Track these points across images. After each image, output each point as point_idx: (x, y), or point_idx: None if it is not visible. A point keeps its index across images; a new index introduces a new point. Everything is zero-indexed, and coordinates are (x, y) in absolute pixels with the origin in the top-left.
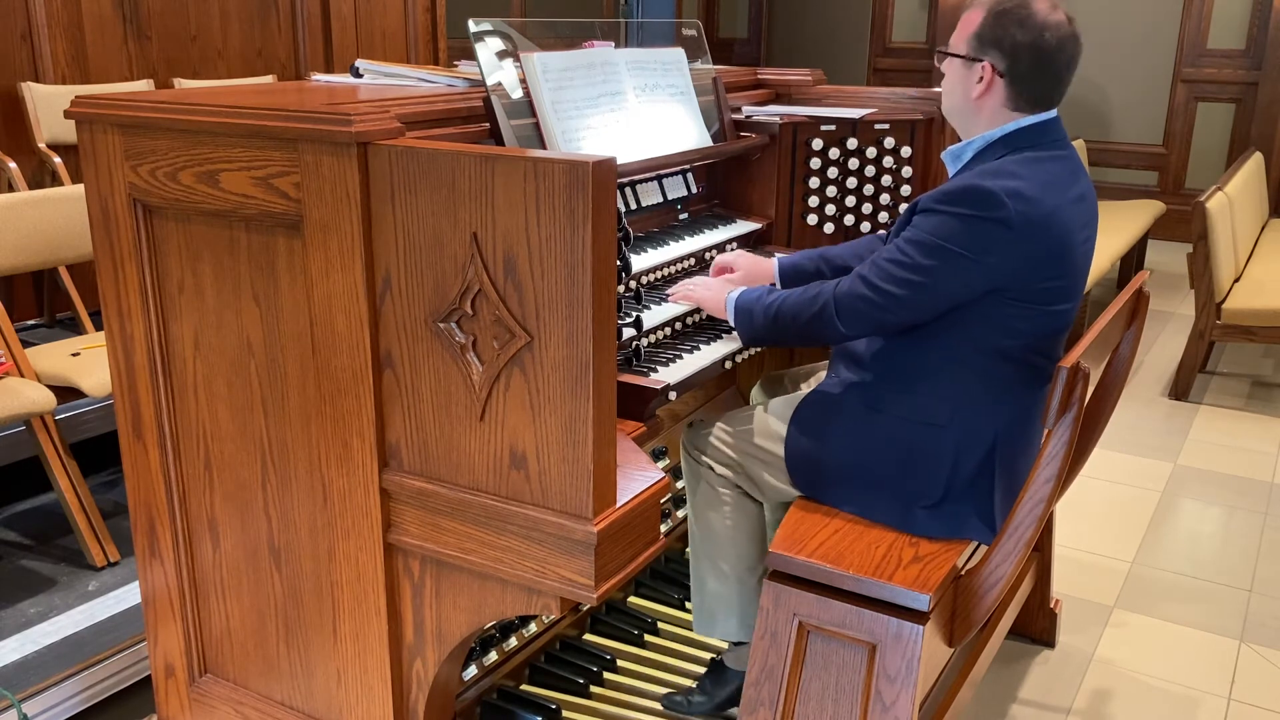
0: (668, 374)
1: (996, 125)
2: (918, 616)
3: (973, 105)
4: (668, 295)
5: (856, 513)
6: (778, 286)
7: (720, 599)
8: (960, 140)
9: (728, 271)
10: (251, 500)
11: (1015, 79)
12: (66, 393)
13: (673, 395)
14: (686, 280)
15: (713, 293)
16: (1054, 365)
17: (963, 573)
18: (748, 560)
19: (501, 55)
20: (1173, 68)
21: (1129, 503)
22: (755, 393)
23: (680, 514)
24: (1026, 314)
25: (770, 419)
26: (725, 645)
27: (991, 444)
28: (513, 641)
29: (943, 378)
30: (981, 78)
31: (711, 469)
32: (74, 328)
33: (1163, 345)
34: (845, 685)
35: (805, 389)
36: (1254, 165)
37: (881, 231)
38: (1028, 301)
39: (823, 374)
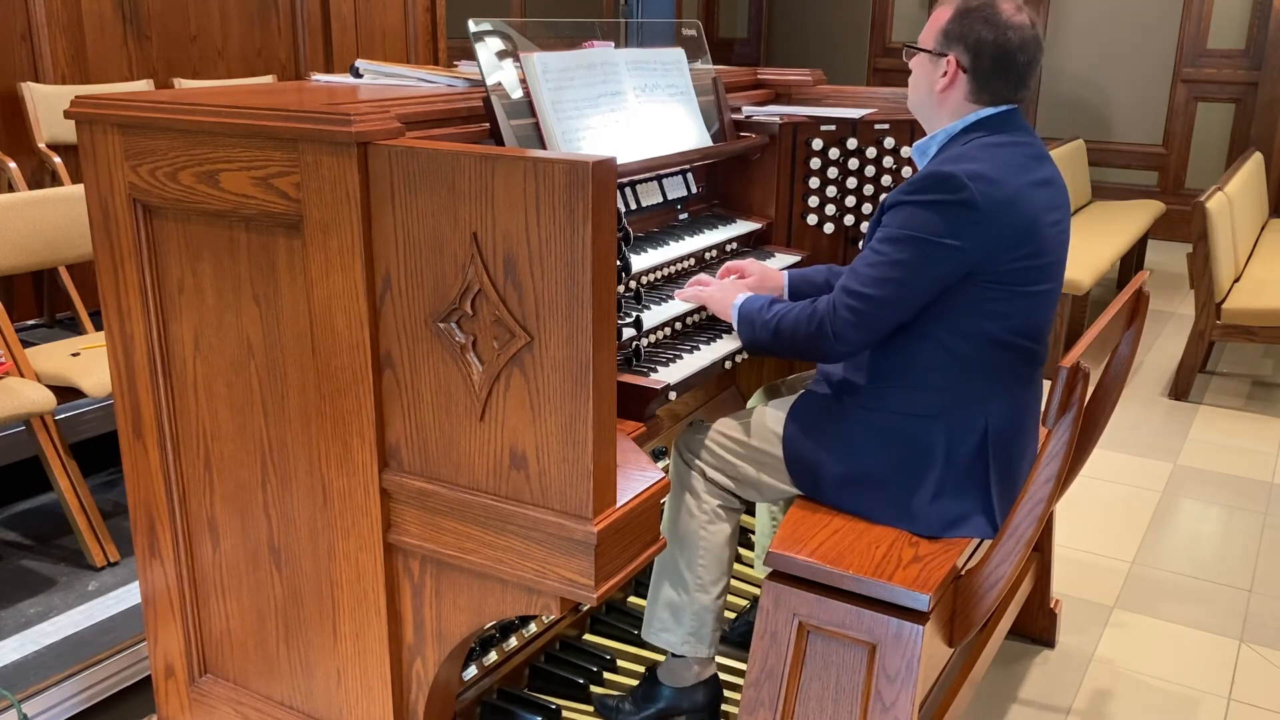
0: (668, 374)
1: (959, 118)
2: (918, 616)
3: (936, 98)
4: (675, 294)
5: (859, 513)
6: (785, 298)
7: (671, 608)
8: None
9: (737, 273)
10: (251, 500)
11: (977, 74)
12: (66, 393)
13: (673, 395)
14: (699, 278)
15: (722, 294)
16: (1041, 352)
17: (963, 573)
18: (710, 576)
19: (501, 55)
20: (1173, 68)
21: (1129, 503)
22: (754, 402)
23: None
24: (1005, 296)
25: (766, 420)
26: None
27: (983, 433)
28: (513, 641)
29: (930, 369)
30: (946, 72)
31: (703, 473)
32: (74, 328)
33: (1163, 345)
34: (845, 685)
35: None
36: (1254, 165)
37: None
38: (1004, 283)
39: None
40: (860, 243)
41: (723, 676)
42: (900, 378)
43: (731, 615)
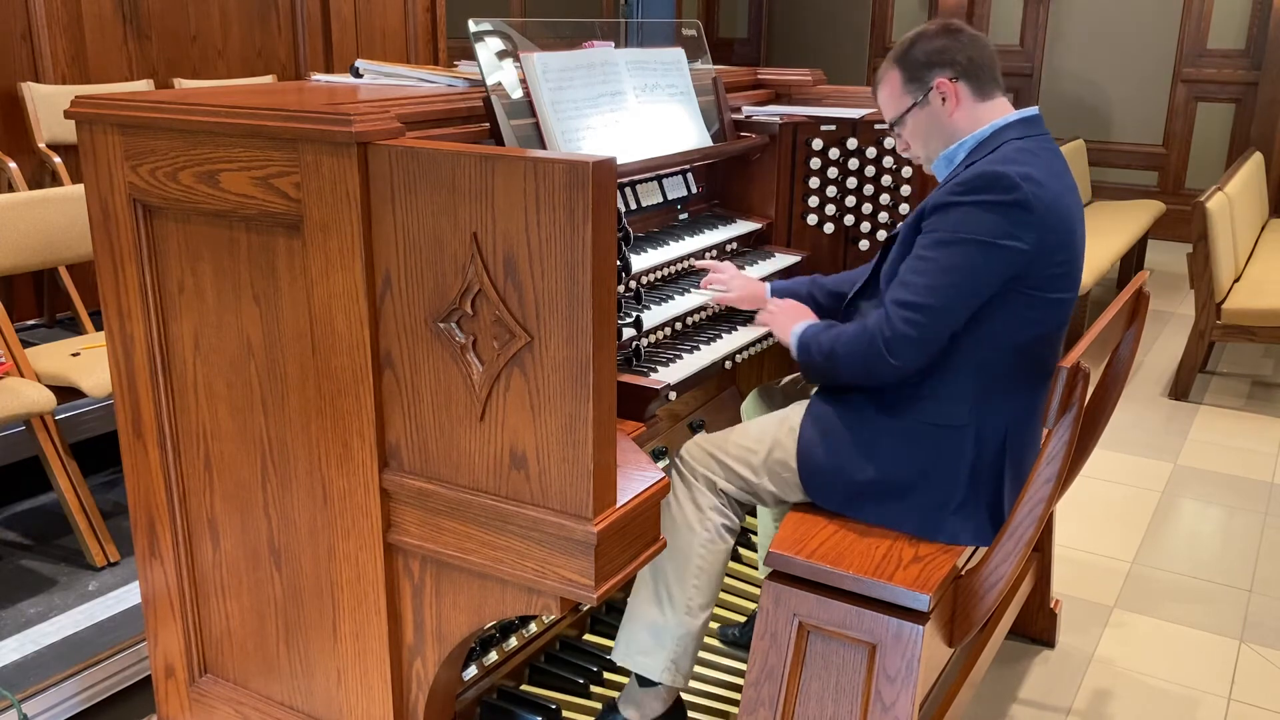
0: (668, 374)
1: (979, 123)
2: (918, 616)
3: (950, 124)
4: (756, 318)
5: (878, 524)
6: None
7: (654, 630)
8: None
9: (719, 279)
10: (251, 500)
11: (969, 74)
12: (66, 393)
13: (673, 395)
14: (769, 305)
15: (785, 319)
16: (1055, 358)
17: (963, 573)
18: (701, 599)
19: (501, 55)
20: (1173, 68)
21: (1129, 503)
22: (748, 405)
23: None
24: (1035, 303)
25: (777, 428)
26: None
27: (1003, 440)
28: (513, 641)
29: (960, 378)
30: (945, 97)
31: (712, 484)
32: (74, 328)
33: (1163, 345)
34: (845, 685)
35: (806, 399)
36: (1254, 165)
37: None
38: (1038, 289)
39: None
40: (861, 243)
41: (723, 676)
42: (929, 387)
43: (741, 619)
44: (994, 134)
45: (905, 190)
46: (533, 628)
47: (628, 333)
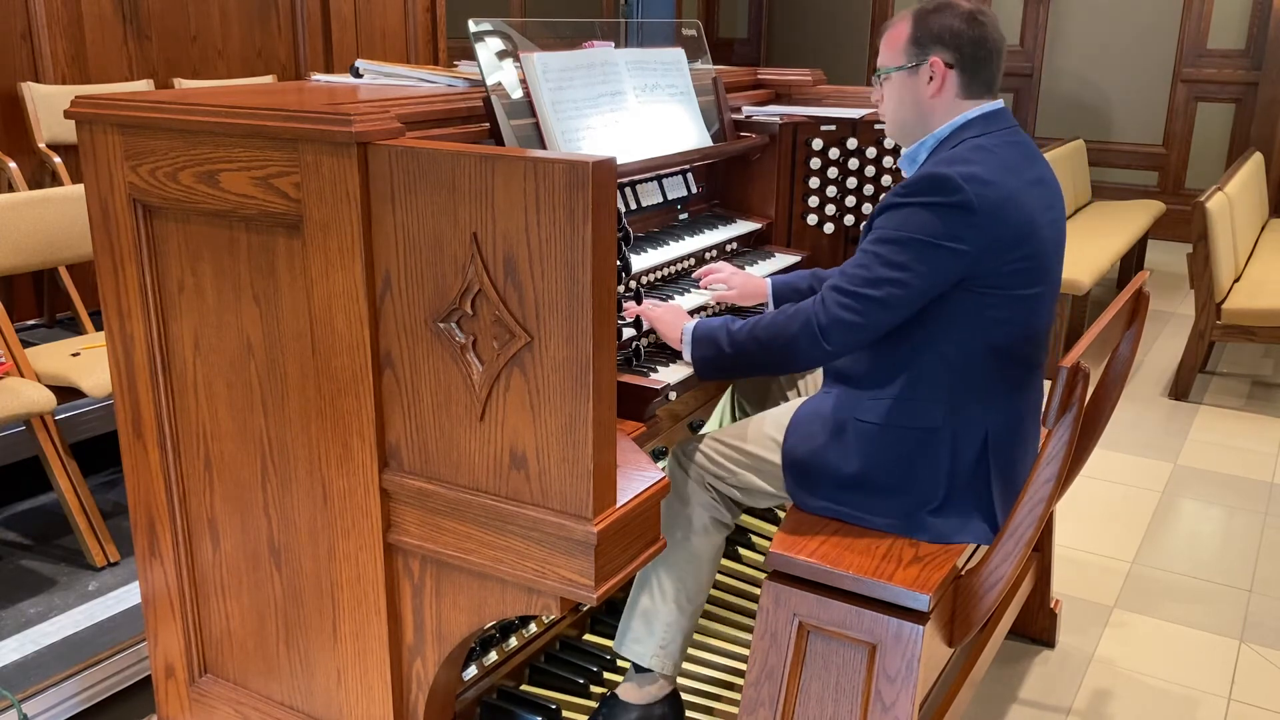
0: (668, 374)
1: (950, 119)
2: (918, 616)
3: (927, 105)
4: (625, 308)
5: (858, 522)
6: (770, 306)
7: (645, 616)
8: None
9: (718, 278)
10: (251, 500)
11: (965, 66)
12: (66, 393)
13: (672, 395)
14: (650, 300)
15: (672, 317)
16: (1039, 356)
17: (963, 573)
18: (690, 590)
19: (501, 55)
20: (1173, 68)
21: (1129, 503)
22: (744, 401)
23: None
24: (1003, 301)
25: (765, 428)
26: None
27: (984, 442)
28: (513, 641)
29: (931, 382)
30: (932, 76)
31: (702, 478)
32: (74, 328)
33: (1163, 345)
34: (845, 685)
35: (798, 396)
36: (1254, 165)
37: None
38: (1002, 287)
39: (810, 380)
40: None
41: (722, 676)
42: (902, 391)
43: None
44: (953, 133)
45: None
46: (533, 628)
47: (628, 333)
